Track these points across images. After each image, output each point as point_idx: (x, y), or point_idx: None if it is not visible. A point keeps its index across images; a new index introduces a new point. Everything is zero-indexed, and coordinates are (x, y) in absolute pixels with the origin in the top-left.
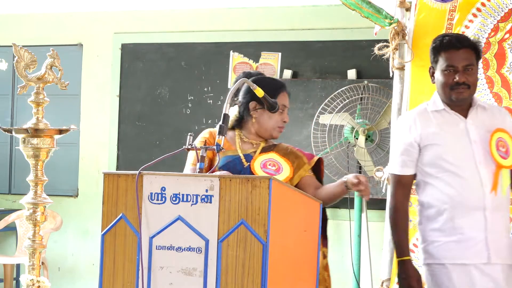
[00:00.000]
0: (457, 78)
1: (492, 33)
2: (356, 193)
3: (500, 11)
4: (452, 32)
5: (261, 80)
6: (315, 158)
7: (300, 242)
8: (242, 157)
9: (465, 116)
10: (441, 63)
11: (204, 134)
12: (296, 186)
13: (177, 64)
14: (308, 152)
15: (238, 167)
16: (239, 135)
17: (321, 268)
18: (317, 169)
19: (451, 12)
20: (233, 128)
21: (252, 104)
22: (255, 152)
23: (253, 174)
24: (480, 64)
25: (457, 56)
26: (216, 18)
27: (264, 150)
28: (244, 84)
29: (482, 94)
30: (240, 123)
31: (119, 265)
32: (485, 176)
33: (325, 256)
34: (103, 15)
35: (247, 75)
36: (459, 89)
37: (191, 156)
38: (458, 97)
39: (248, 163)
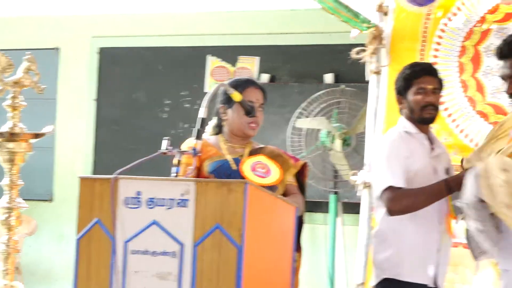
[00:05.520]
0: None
1: (467, 37)
2: (331, 197)
3: (475, 15)
4: (428, 35)
5: (230, 81)
6: (301, 162)
7: (275, 246)
8: (231, 161)
9: None
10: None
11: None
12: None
13: (154, 68)
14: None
15: (227, 171)
16: (223, 140)
17: None
18: (301, 172)
19: (427, 16)
20: (216, 134)
21: (221, 109)
22: (242, 155)
23: (242, 177)
24: (456, 68)
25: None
26: (194, 22)
27: (252, 153)
28: (220, 89)
29: (456, 98)
30: (220, 129)
31: (93, 269)
32: None
33: (295, 260)
34: (81, 19)
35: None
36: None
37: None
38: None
39: (237, 167)
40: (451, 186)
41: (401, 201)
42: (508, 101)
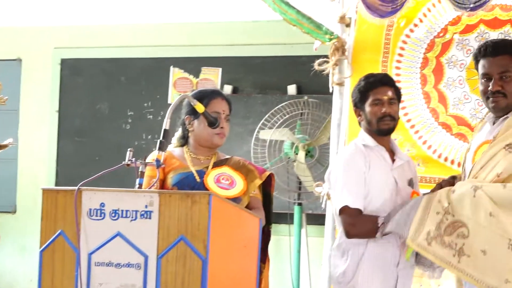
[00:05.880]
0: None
1: (429, 49)
2: (296, 208)
3: (437, 27)
4: (390, 46)
5: (195, 92)
6: (267, 173)
7: (240, 258)
8: (195, 173)
9: None
10: None
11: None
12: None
13: (117, 79)
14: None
15: (191, 183)
16: (188, 152)
17: None
18: (267, 183)
19: (389, 27)
20: (181, 146)
21: (187, 119)
22: (207, 167)
23: (206, 189)
24: (418, 80)
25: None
26: (157, 33)
27: (216, 165)
28: (185, 101)
29: (419, 109)
30: (186, 140)
31: (57, 282)
32: None
33: (261, 272)
34: (43, 30)
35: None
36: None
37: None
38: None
39: (201, 179)
40: None
41: (359, 227)
42: (469, 111)
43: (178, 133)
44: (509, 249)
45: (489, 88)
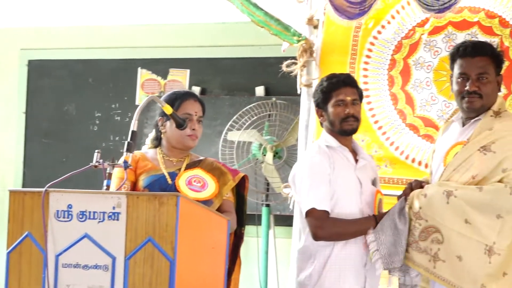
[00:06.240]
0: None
1: (397, 50)
2: (264, 209)
3: (405, 28)
4: (358, 48)
5: (168, 94)
6: (240, 175)
7: (208, 259)
8: (166, 175)
9: None
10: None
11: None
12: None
13: (84, 80)
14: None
15: (163, 185)
16: (161, 153)
17: None
18: (241, 185)
19: (357, 29)
20: (155, 147)
21: (159, 121)
22: (179, 169)
23: (177, 191)
24: (386, 81)
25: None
26: (124, 34)
27: (189, 167)
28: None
29: (386, 111)
30: (159, 141)
31: (24, 283)
32: None
33: (231, 274)
34: (9, 31)
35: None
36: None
37: (116, 171)
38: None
39: (173, 181)
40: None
41: (327, 229)
42: (436, 113)
43: (152, 134)
44: (485, 254)
45: (466, 88)
